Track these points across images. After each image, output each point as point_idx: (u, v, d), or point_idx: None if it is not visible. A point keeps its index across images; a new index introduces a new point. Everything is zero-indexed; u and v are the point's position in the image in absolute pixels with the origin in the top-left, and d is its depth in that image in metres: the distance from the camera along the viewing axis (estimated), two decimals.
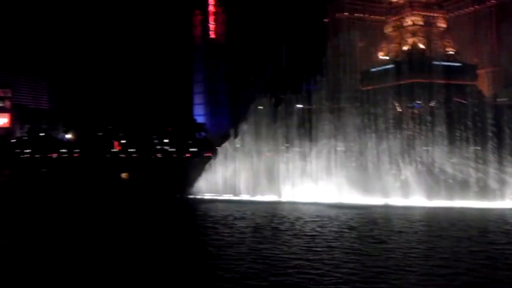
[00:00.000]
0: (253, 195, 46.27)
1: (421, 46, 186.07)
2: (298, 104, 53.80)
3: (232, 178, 48.44)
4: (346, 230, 28.78)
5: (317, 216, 34.46)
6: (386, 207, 39.48)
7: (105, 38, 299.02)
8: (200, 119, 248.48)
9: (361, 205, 40.02)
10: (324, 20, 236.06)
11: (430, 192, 41.40)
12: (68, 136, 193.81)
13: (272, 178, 46.87)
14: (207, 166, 50.13)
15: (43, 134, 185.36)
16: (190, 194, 47.76)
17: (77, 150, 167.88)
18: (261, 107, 52.28)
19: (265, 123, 49.89)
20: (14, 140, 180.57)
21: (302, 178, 46.02)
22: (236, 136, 50.25)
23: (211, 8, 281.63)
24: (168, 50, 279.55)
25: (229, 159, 49.63)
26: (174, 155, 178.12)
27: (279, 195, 45.35)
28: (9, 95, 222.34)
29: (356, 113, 49.47)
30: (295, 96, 53.44)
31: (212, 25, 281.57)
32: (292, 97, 52.45)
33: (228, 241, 25.83)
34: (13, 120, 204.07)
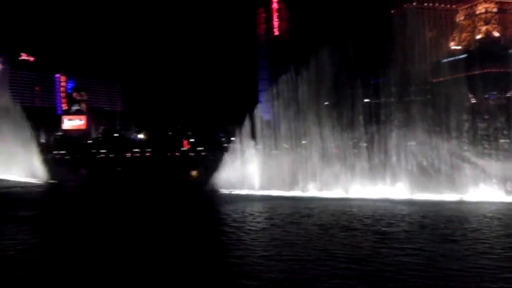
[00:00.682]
0: (320, 191, 45.71)
1: (495, 34, 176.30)
2: (366, 98, 52.60)
3: (299, 174, 48.13)
4: (418, 229, 27.77)
5: (390, 213, 33.50)
6: (461, 203, 37.71)
7: (173, 39, 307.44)
8: (266, 117, 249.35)
9: (433, 201, 38.49)
10: (391, 11, 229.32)
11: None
12: (140, 136, 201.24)
13: (339, 174, 46.08)
14: (273, 163, 50.18)
15: (117, 134, 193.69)
16: (257, 190, 47.92)
17: (148, 150, 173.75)
18: (327, 103, 51.63)
19: (330, 119, 49.16)
20: (91, 141, 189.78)
21: (370, 174, 44.92)
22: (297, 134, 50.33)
23: (274, 6, 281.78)
24: (233, 49, 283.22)
25: (296, 156, 49.49)
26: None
27: (347, 191, 44.50)
28: (85, 98, 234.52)
29: (428, 106, 47.59)
30: (363, 90, 52.19)
31: (276, 23, 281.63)
32: (359, 92, 51.28)
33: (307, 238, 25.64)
34: (89, 122, 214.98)
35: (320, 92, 50.89)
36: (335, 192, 44.82)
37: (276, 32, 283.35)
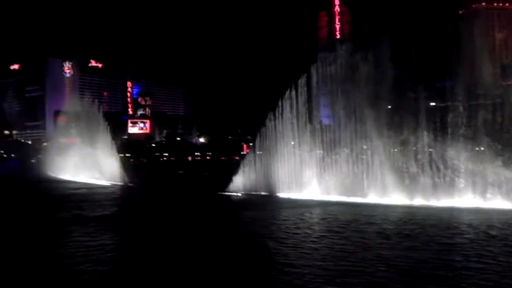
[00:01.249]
0: (381, 197, 44.33)
1: None
2: (431, 102, 50.66)
3: (358, 179, 47.01)
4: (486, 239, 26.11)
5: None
6: None
7: (235, 45, 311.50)
8: (326, 121, 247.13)
9: (501, 210, 36.27)
10: (459, 11, 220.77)
11: None
12: (202, 140, 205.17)
13: (402, 178, 44.46)
14: (333, 167, 49.33)
15: (179, 138, 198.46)
16: (316, 195, 47.21)
17: (209, 153, 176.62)
18: (390, 107, 50.10)
19: (392, 123, 47.68)
20: (154, 145, 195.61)
21: (438, 180, 42.99)
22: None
23: (336, 9, 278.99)
24: (293, 53, 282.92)
25: (355, 159, 48.41)
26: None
27: (411, 198, 42.79)
28: (149, 103, 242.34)
29: (497, 110, 44.99)
30: (427, 93, 50.22)
31: (337, 26, 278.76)
32: (423, 95, 49.33)
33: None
34: (152, 126, 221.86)
35: (381, 95, 49.51)
36: (397, 198, 43.31)
37: (338, 36, 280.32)
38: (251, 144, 77.85)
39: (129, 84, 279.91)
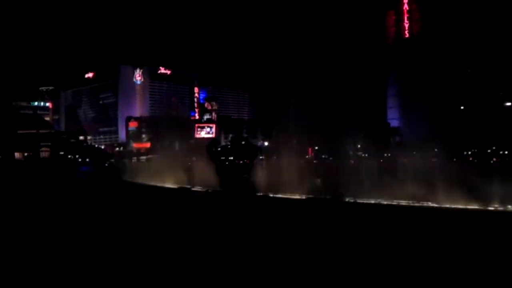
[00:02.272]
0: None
1: None
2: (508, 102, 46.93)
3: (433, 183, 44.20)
4: None
5: None
6: None
7: (299, 47, 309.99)
8: (394, 123, 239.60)
9: None
10: None
11: None
12: (266, 143, 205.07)
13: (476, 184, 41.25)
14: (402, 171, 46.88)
15: (244, 142, 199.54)
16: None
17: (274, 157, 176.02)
18: (462, 107, 46.89)
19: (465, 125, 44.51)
20: (219, 149, 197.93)
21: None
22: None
23: (405, 7, 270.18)
24: (359, 53, 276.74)
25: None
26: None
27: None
28: (215, 107, 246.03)
29: None
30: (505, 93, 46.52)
31: (406, 24, 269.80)
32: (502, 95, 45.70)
33: None
34: (218, 130, 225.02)
35: (454, 95, 46.47)
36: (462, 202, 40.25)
37: (407, 35, 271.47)
38: (316, 147, 76.15)
39: (196, 89, 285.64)
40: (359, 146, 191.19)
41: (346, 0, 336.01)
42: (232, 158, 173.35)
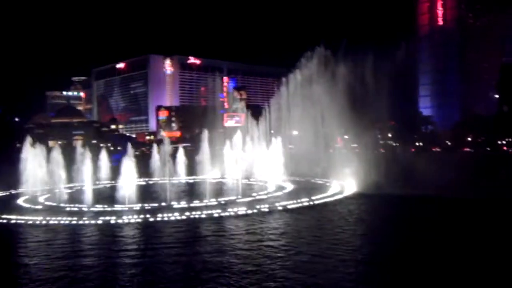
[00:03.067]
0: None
1: None
2: None
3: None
4: None
5: None
6: None
7: (326, 35, 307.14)
8: (426, 112, 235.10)
9: None
10: None
11: None
12: (295, 132, 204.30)
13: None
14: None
15: (272, 131, 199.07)
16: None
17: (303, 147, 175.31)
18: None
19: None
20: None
21: None
22: None
23: None
24: (390, 40, 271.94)
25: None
26: (397, 150, 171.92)
27: None
28: (244, 96, 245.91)
29: None
30: None
31: (440, 11, 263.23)
32: None
33: None
34: (247, 119, 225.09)
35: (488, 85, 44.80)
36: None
37: (440, 22, 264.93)
38: (345, 136, 74.70)
39: (225, 79, 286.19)
40: (389, 135, 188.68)
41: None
42: None
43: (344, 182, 47.78)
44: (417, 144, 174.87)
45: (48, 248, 24.55)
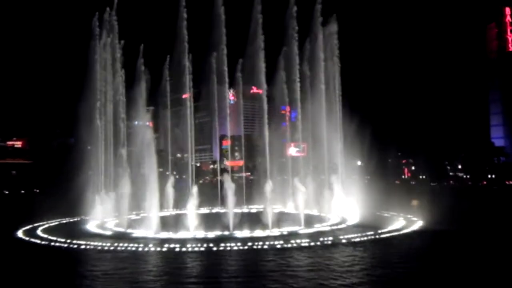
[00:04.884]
0: None
1: None
2: None
3: None
4: None
5: None
6: None
7: (390, 61, 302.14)
8: (498, 143, 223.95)
9: None
10: None
11: None
12: (358, 163, 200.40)
13: None
14: None
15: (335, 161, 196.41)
16: None
17: (367, 177, 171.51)
18: None
19: None
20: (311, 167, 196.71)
21: None
22: None
23: (507, 19, 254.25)
24: (457, 68, 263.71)
25: None
26: (468, 182, 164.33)
27: None
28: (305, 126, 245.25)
29: None
30: None
31: (509, 37, 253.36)
32: None
33: None
34: (309, 148, 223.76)
35: None
36: None
37: (510, 48, 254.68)
38: (413, 168, 72.30)
39: (287, 108, 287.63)
40: (459, 166, 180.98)
41: (444, 14, 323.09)
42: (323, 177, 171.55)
43: (412, 216, 45.97)
44: (489, 176, 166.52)
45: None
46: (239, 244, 32.44)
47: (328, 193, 51.97)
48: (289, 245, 32.35)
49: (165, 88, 70.20)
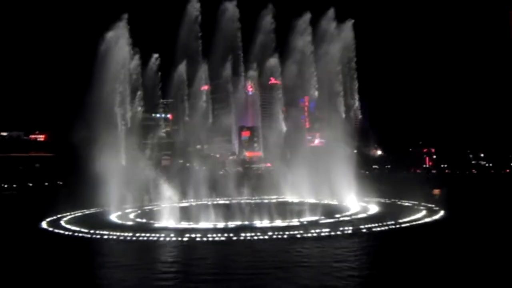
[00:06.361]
0: None
1: None
2: None
3: None
4: None
5: None
6: None
7: (413, 51, 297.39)
8: None
9: None
10: None
11: None
12: (379, 152, 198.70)
13: None
14: None
15: (355, 151, 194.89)
16: None
17: (387, 166, 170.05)
18: None
19: None
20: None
21: None
22: None
23: None
24: (482, 58, 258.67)
25: None
26: (491, 171, 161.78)
27: None
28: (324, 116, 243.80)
29: None
30: None
31: None
32: None
33: None
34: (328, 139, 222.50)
35: None
36: None
37: None
38: (434, 156, 71.45)
39: (306, 98, 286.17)
40: (481, 155, 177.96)
41: (468, 4, 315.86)
42: None
43: (432, 205, 45.48)
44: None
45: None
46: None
47: (348, 183, 51.65)
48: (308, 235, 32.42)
49: (183, 80, 70.39)
